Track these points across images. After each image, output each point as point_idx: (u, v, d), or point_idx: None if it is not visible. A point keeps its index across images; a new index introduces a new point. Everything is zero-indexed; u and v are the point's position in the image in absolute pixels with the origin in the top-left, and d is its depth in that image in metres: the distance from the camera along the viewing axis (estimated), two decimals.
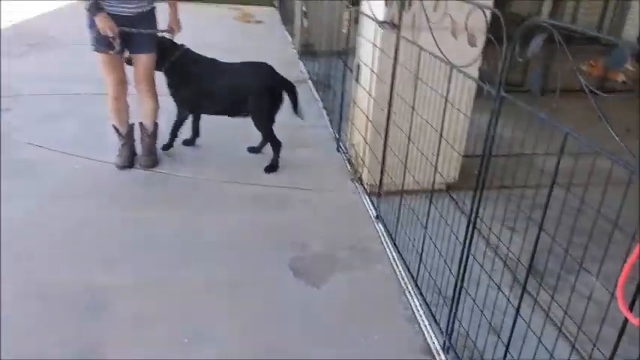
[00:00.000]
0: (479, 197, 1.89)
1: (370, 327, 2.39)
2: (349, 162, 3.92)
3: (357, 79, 3.58)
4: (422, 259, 2.52)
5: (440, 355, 2.25)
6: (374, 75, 3.19)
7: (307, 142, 4.32)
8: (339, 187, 3.66)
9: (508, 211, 1.99)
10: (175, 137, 3.98)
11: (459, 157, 3.25)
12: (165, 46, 3.61)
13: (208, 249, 2.87)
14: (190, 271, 2.69)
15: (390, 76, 2.86)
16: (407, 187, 2.76)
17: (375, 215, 3.27)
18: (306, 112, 4.38)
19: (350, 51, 3.94)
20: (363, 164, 3.56)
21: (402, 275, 2.74)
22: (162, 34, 3.57)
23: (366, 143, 3.46)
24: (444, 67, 2.17)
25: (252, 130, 3.81)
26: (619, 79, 6.52)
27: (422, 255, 2.51)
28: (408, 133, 2.66)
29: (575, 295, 1.53)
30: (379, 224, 3.19)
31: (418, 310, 2.50)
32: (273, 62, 3.86)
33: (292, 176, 3.75)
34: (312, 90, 5.77)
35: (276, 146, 3.79)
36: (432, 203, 2.39)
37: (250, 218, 3.21)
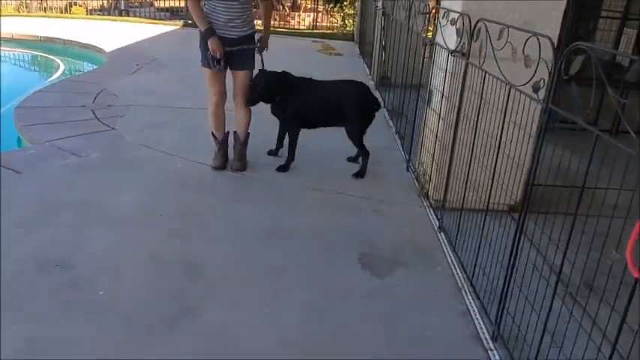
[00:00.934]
0: (526, 208, 2.18)
1: (426, 316, 2.69)
2: (417, 179, 4.26)
3: (429, 103, 3.95)
4: (477, 263, 2.81)
5: (489, 342, 2.51)
6: (444, 98, 3.55)
7: (380, 162, 4.69)
8: (407, 201, 4.00)
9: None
10: (282, 147, 4.49)
11: (520, 181, 3.48)
12: (272, 79, 4.04)
13: (287, 238, 3.30)
14: (271, 254, 3.12)
15: (457, 99, 3.21)
16: (471, 204, 3.02)
17: (438, 226, 3.58)
18: (381, 137, 4.80)
19: (423, 83, 4.32)
20: (430, 181, 3.89)
21: (459, 276, 3.03)
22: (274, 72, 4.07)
23: (433, 161, 3.80)
24: (506, 89, 2.50)
25: (329, 142, 4.25)
26: None
27: (477, 259, 2.80)
28: (470, 153, 2.98)
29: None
30: (441, 234, 3.49)
31: (471, 304, 2.78)
32: None
33: (365, 188, 4.13)
34: (387, 117, 6.17)
35: (365, 155, 4.28)
36: (486, 217, 2.68)
37: (326, 218, 3.61)
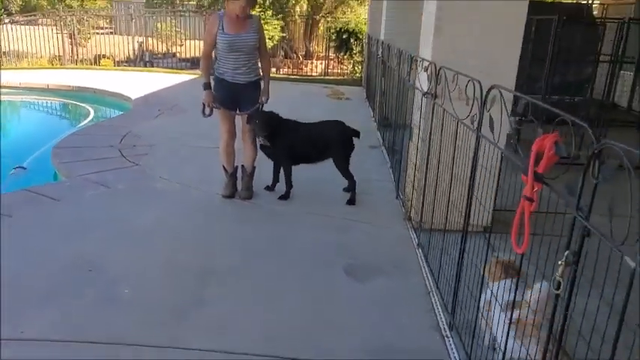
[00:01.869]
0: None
1: (399, 312, 3.20)
2: (403, 205, 4.81)
3: (411, 137, 4.55)
4: (441, 270, 3.33)
5: (446, 330, 3.01)
6: (419, 132, 4.14)
7: (373, 192, 5.26)
8: (392, 223, 4.54)
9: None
10: (278, 181, 5.06)
11: (489, 206, 3.94)
12: (270, 120, 4.68)
13: (284, 252, 3.87)
14: (269, 264, 3.68)
15: (428, 133, 3.80)
16: (448, 226, 3.48)
17: (417, 243, 4.11)
18: (377, 171, 5.44)
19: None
20: (411, 205, 4.44)
21: (429, 282, 3.54)
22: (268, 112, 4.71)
23: (413, 188, 4.37)
24: (455, 122, 3.08)
25: (324, 173, 4.84)
26: None
27: (440, 268, 3.33)
28: (436, 181, 3.55)
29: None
30: (419, 249, 4.01)
31: (436, 303, 3.28)
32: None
33: (357, 213, 4.69)
34: (385, 154, 6.77)
35: (352, 182, 4.89)
36: (445, 235, 3.23)
37: (318, 236, 4.17)
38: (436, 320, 3.12)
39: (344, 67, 16.27)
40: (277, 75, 14.79)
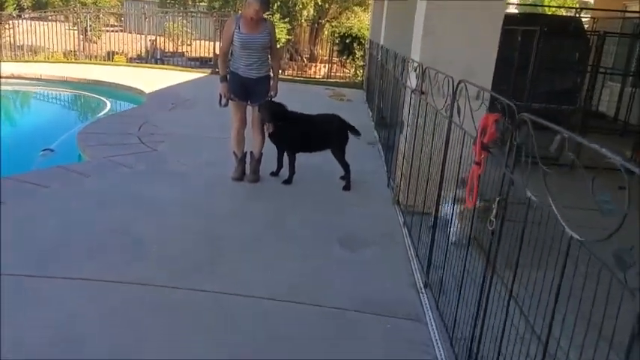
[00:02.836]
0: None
1: (384, 274, 3.78)
2: (393, 191, 5.40)
3: (401, 130, 5.13)
4: (419, 239, 3.92)
5: (421, 288, 3.59)
6: (408, 125, 4.73)
7: (367, 180, 5.85)
8: (382, 207, 5.13)
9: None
10: (282, 167, 5.63)
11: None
12: (277, 110, 5.28)
13: (286, 226, 4.45)
14: (272, 235, 4.26)
15: (415, 124, 4.38)
16: (427, 208, 4.07)
17: (403, 222, 4.69)
18: (372, 164, 6.02)
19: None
20: (400, 190, 5.03)
21: (411, 252, 4.12)
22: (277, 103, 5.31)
23: (401, 175, 4.95)
24: (436, 114, 3.67)
25: (324, 163, 5.43)
26: None
27: (419, 240, 3.91)
28: (418, 168, 4.14)
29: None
30: (404, 228, 4.59)
31: (415, 267, 3.86)
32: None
33: (352, 198, 5.28)
34: (380, 150, 7.36)
35: (347, 170, 5.45)
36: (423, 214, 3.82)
37: (317, 215, 4.76)
38: (414, 280, 3.71)
39: (346, 71, 16.85)
40: (282, 76, 15.29)
